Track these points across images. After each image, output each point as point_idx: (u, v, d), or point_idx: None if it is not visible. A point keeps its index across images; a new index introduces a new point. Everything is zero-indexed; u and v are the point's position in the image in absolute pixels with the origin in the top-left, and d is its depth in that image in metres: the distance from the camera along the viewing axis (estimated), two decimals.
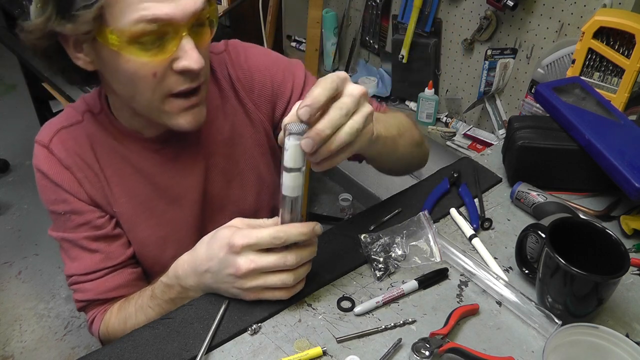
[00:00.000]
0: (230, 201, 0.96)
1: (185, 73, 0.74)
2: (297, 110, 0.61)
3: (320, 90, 0.61)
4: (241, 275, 0.70)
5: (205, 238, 0.75)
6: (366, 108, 0.65)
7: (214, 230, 0.74)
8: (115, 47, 0.70)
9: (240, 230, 0.70)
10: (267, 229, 0.69)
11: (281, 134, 0.64)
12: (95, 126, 0.87)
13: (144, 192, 0.89)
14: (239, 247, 0.69)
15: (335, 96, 0.63)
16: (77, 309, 0.91)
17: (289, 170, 0.65)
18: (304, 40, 2.34)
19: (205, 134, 0.90)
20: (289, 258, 0.69)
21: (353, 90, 0.65)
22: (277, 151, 1.00)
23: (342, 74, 0.65)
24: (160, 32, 0.70)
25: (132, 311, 0.83)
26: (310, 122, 0.61)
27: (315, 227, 0.70)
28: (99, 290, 0.87)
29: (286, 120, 0.63)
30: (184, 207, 0.92)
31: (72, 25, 0.69)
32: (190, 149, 0.90)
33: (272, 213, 0.73)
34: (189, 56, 0.72)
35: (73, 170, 0.85)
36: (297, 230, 0.69)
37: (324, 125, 0.61)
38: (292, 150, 0.63)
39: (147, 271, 0.94)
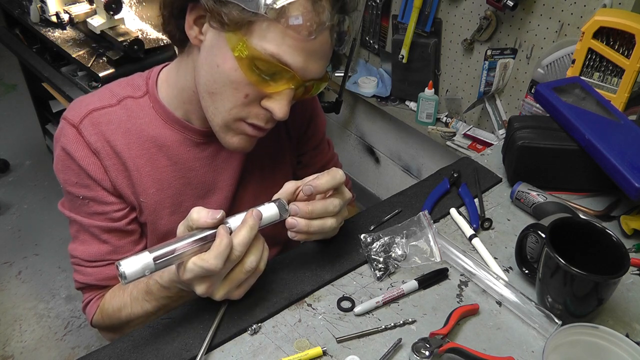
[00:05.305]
0: None
1: (268, 113, 0.77)
2: (303, 186, 0.73)
3: (328, 179, 0.74)
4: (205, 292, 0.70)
5: None
6: (345, 212, 0.79)
7: None
8: (235, 53, 0.71)
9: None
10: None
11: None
12: (134, 111, 0.85)
13: (175, 185, 0.88)
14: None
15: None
16: (75, 288, 0.91)
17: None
18: None
19: None
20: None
21: (347, 194, 0.77)
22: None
23: (344, 177, 0.76)
24: (279, 71, 0.72)
25: (128, 301, 0.82)
26: (297, 206, 0.73)
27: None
28: (99, 276, 0.87)
29: (278, 195, 0.75)
30: (211, 207, 0.91)
31: (215, 4, 0.69)
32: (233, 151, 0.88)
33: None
34: (281, 106, 0.75)
35: (101, 157, 0.83)
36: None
37: (314, 207, 0.73)
38: (269, 208, 0.72)
39: None
